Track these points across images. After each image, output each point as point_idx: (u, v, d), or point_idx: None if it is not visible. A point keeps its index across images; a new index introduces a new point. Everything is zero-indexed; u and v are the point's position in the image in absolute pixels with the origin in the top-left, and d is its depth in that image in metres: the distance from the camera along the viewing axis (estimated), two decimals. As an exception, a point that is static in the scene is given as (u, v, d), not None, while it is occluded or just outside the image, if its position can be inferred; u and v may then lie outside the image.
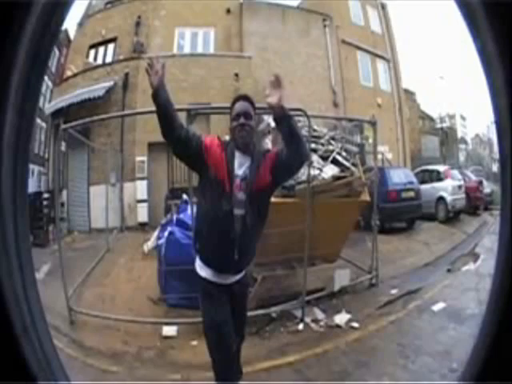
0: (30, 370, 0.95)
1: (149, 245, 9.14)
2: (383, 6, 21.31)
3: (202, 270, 3.01)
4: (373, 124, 7.80)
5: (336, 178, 6.48)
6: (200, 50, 15.75)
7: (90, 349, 5.35)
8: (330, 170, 6.54)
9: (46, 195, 13.54)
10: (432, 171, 15.36)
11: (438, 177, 14.82)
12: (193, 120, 5.74)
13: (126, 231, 13.05)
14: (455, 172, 15.62)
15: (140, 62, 13.89)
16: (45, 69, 1.08)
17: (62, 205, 13.34)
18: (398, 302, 6.70)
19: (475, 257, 9.01)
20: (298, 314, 6.08)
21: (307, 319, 6.01)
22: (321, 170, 6.42)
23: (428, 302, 6.60)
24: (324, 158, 6.76)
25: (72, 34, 17.42)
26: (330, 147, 7.04)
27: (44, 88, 17.57)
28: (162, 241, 6.61)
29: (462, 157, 35.50)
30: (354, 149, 7.67)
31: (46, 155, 16.93)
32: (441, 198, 13.94)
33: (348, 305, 6.51)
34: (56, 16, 1.00)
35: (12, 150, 0.96)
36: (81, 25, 16.72)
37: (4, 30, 0.88)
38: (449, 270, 8.23)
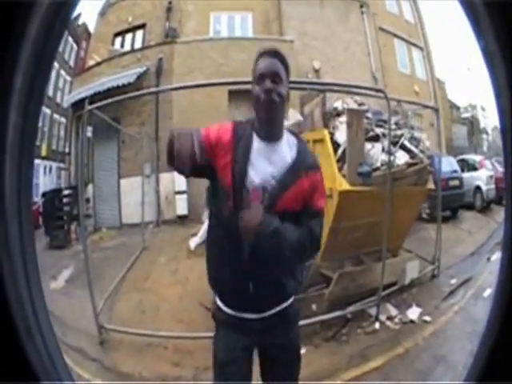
0: (32, 369, 0.94)
1: (196, 240, 8.21)
2: (414, -2, 21.16)
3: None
4: (436, 110, 7.52)
5: (409, 165, 6.17)
6: (238, 34, 15.29)
7: (127, 376, 4.47)
8: (402, 157, 6.21)
9: (66, 192, 13.13)
10: (469, 160, 15.32)
11: (474, 166, 14.82)
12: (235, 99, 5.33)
13: (162, 225, 12.21)
14: (488, 162, 15.50)
15: (174, 47, 13.73)
16: (50, 69, 1.06)
17: (88, 200, 12.79)
18: (458, 292, 6.67)
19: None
20: (372, 311, 5.79)
21: (382, 317, 5.72)
22: (393, 155, 6.02)
23: (479, 289, 6.57)
24: (393, 144, 6.36)
25: (91, 27, 17.19)
26: (398, 132, 6.67)
27: (61, 82, 17.39)
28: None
29: (484, 147, 35.30)
30: (420, 135, 7.25)
31: (67, 149, 16.57)
32: (478, 188, 13.90)
33: (417, 298, 6.41)
34: (60, 17, 0.98)
35: (17, 151, 0.95)
36: (103, 14, 16.42)
37: (7, 31, 0.86)
38: (488, 259, 8.25)
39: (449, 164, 12.71)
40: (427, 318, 5.68)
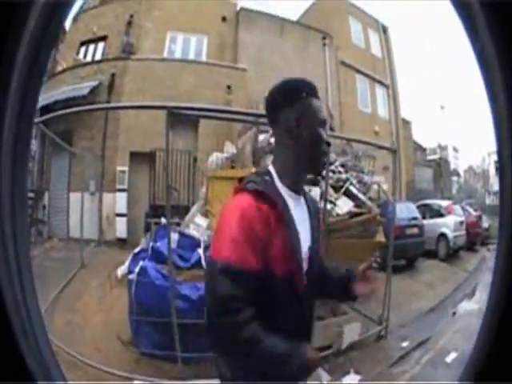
0: (29, 370, 0.94)
1: (123, 269, 7.68)
2: (385, 30, 21.13)
3: None
4: (393, 151, 6.86)
5: (352, 215, 5.60)
6: (192, 57, 15.34)
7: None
8: (345, 205, 5.62)
9: (30, 194, 12.72)
10: (433, 206, 14.79)
11: (439, 212, 14.20)
12: (174, 124, 4.65)
13: (103, 245, 12.13)
14: (457, 207, 15.09)
15: (128, 63, 13.56)
16: (44, 70, 1.04)
17: (44, 207, 13.05)
18: (411, 357, 5.93)
19: (478, 296, 8.76)
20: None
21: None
22: (334, 203, 5.47)
23: (440, 352, 5.96)
24: (336, 189, 5.82)
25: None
26: (343, 176, 6.13)
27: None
28: (133, 276, 5.41)
29: (453, 189, 35.38)
30: (370, 179, 6.72)
31: (32, 153, 16.19)
32: (442, 235, 13.21)
33: (356, 363, 5.59)
34: (56, 17, 0.97)
35: (10, 152, 0.94)
36: (75, 20, 16.10)
37: (3, 31, 0.86)
38: (454, 314, 7.77)
39: (407, 210, 12.07)
40: (368, 389, 5.04)
